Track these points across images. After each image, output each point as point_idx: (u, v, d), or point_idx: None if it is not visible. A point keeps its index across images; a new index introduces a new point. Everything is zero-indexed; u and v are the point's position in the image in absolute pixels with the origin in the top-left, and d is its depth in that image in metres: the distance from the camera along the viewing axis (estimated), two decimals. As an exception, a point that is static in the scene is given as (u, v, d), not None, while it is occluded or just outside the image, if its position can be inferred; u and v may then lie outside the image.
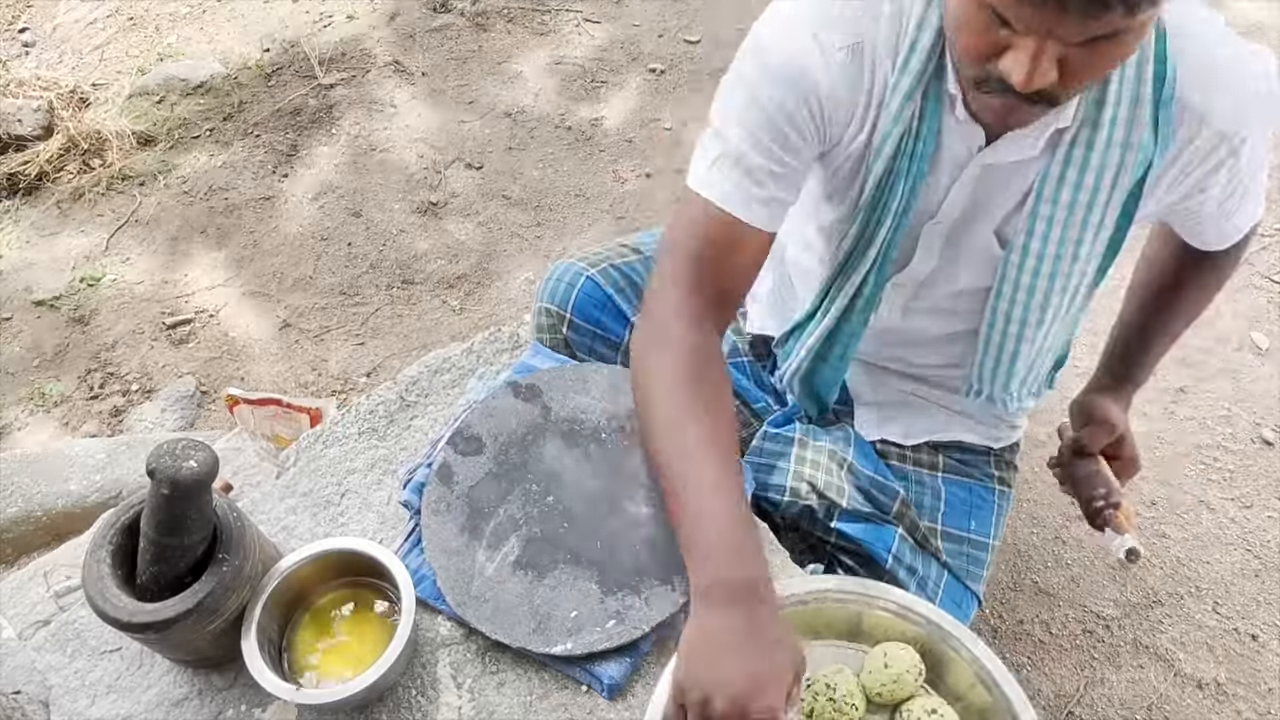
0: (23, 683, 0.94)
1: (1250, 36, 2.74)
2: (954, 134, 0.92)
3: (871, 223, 0.98)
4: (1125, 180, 0.90)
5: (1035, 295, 0.99)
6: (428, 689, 0.93)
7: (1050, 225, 0.93)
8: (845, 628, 0.93)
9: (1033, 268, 0.97)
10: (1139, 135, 0.87)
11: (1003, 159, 0.92)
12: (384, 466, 1.10)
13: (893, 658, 0.88)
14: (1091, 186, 0.90)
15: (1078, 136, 0.88)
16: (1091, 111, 0.87)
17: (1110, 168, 0.89)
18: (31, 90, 2.63)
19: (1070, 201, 0.91)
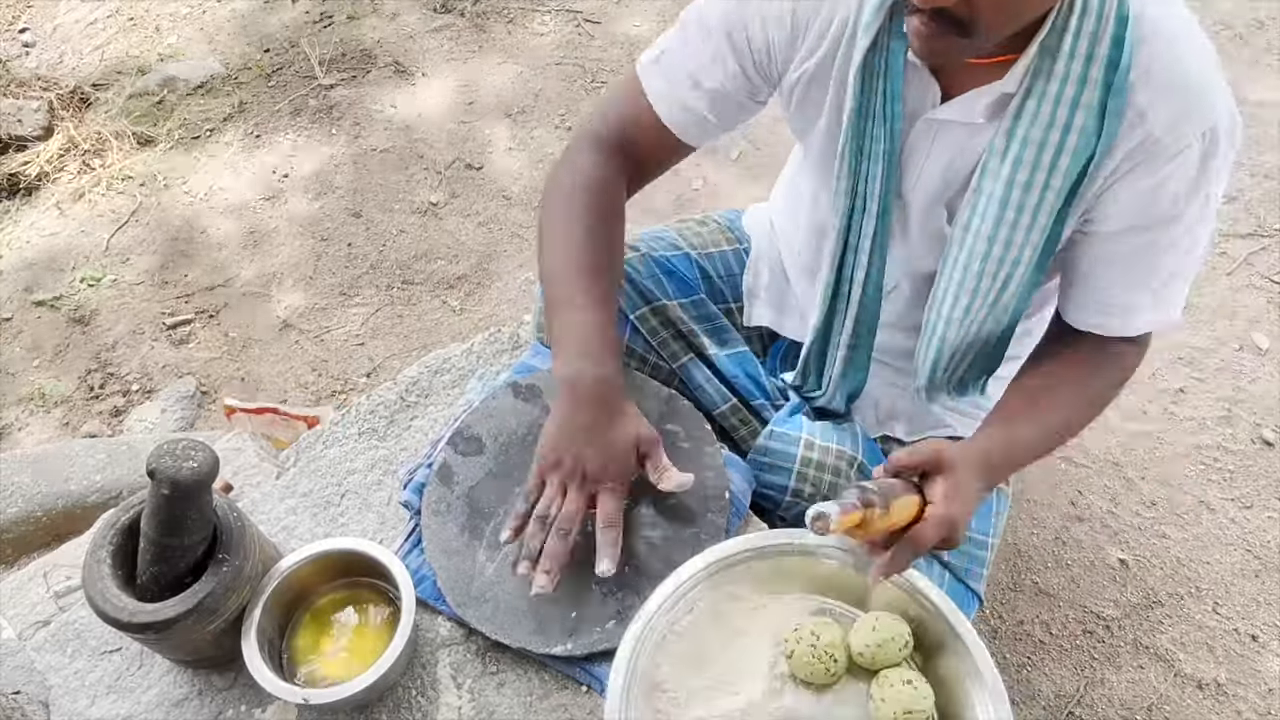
0: (23, 683, 0.94)
1: (1250, 35, 2.74)
2: (912, 88, 0.92)
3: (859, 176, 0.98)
4: (1065, 162, 0.87)
5: (969, 274, 0.97)
6: (428, 689, 0.93)
7: (990, 201, 0.92)
8: (855, 596, 0.94)
9: (970, 246, 0.95)
10: (1082, 118, 0.85)
11: (948, 117, 0.92)
12: (384, 466, 1.10)
13: (883, 624, 0.89)
14: (1032, 163, 0.88)
15: (1024, 108, 0.87)
16: (1038, 83, 0.85)
17: (1051, 147, 0.87)
18: (31, 90, 2.63)
19: (1010, 178, 0.89)
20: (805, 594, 0.95)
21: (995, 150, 0.90)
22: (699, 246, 1.27)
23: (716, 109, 1.04)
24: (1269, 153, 2.41)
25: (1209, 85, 0.85)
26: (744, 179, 2.50)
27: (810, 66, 0.97)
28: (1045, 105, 0.86)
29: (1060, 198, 0.89)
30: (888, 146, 0.95)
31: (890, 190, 0.98)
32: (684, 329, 1.19)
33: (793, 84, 1.00)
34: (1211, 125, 0.85)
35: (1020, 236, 0.92)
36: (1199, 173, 0.87)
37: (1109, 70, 0.83)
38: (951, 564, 1.12)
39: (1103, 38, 0.82)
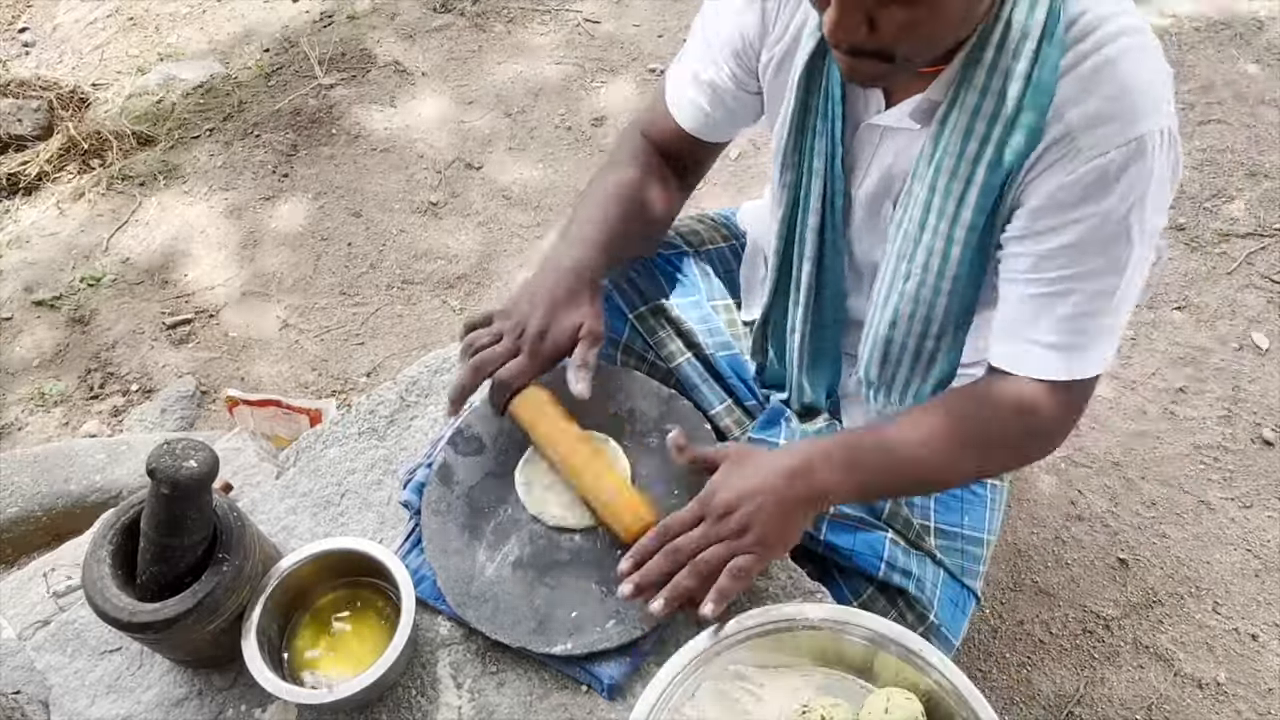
0: (23, 683, 0.94)
1: (1250, 35, 2.74)
2: (858, 94, 0.95)
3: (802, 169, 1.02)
4: (981, 173, 0.86)
5: (897, 275, 0.98)
6: (428, 689, 0.93)
7: (915, 202, 0.93)
8: (860, 666, 0.91)
9: (899, 245, 0.97)
10: (999, 131, 0.84)
11: (883, 122, 0.94)
12: (384, 466, 1.10)
13: (895, 704, 0.84)
14: (950, 170, 0.88)
15: (948, 118, 0.88)
16: (961, 94, 0.86)
17: (968, 158, 0.87)
18: (31, 90, 2.63)
19: (932, 182, 0.91)
20: (809, 666, 0.91)
21: (923, 155, 0.92)
22: (695, 244, 1.28)
23: (714, 102, 1.08)
24: (1269, 153, 2.41)
25: (1140, 94, 0.81)
26: (744, 179, 2.50)
27: (777, 53, 1.01)
28: (963, 115, 0.87)
29: (979, 210, 0.89)
30: (828, 148, 0.98)
31: (835, 190, 1.01)
32: (682, 328, 1.19)
33: (763, 70, 1.04)
34: (1138, 136, 0.80)
35: (940, 243, 0.93)
36: (1118, 186, 0.82)
37: (1027, 87, 0.83)
38: (947, 562, 1.12)
39: (1023, 54, 0.82)
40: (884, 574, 1.07)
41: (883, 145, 0.97)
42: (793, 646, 0.91)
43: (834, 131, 0.97)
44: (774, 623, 0.90)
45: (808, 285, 1.08)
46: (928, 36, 0.79)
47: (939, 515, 1.15)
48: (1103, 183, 0.82)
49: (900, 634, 0.88)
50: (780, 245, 1.09)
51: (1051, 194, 0.85)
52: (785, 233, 1.08)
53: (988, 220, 0.90)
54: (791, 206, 1.05)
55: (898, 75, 0.85)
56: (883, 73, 0.83)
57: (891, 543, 1.09)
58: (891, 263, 0.99)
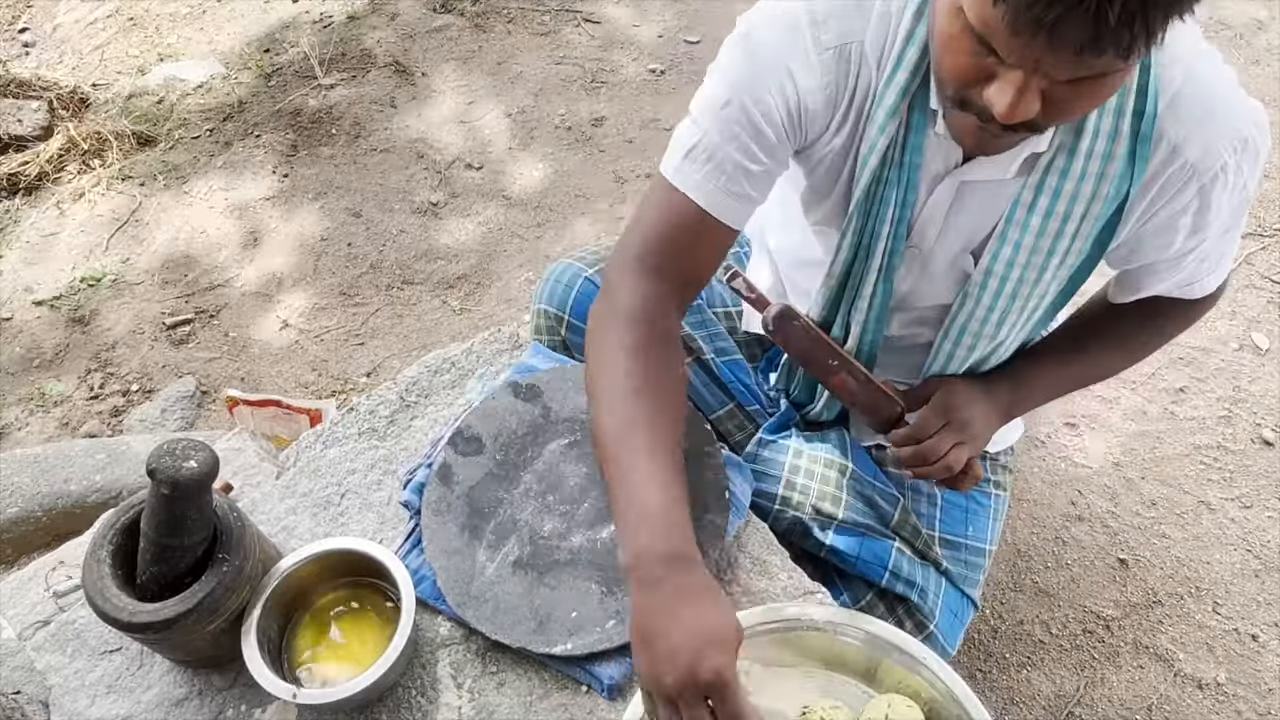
0: (23, 683, 0.94)
1: (1250, 35, 2.74)
2: (934, 148, 0.92)
3: (866, 233, 0.98)
4: (1096, 210, 0.90)
5: (994, 313, 1.00)
6: (428, 689, 0.93)
7: (1017, 250, 0.94)
8: (861, 670, 0.91)
9: (994, 288, 0.97)
10: (1114, 168, 0.87)
11: (977, 177, 0.92)
12: (384, 466, 1.10)
13: (896, 712, 0.85)
14: (1062, 214, 0.90)
15: (1053, 163, 0.88)
16: (1068, 139, 0.86)
17: (1083, 198, 0.89)
18: (31, 90, 2.63)
19: (1039, 228, 0.92)
20: (811, 669, 0.92)
21: (1023, 203, 0.91)
22: (698, 248, 1.27)
23: (758, 186, 0.96)
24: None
25: (1232, 98, 0.87)
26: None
27: (837, 144, 0.95)
28: (1077, 161, 0.87)
29: (1088, 242, 0.92)
30: (898, 211, 0.95)
31: (895, 248, 0.98)
32: (683, 334, 1.19)
33: (822, 150, 0.96)
34: (1242, 137, 0.86)
35: (1047, 276, 0.96)
36: (1236, 176, 0.89)
37: (1136, 119, 0.84)
38: (950, 571, 1.12)
39: (1130, 88, 0.83)
40: (887, 582, 1.07)
41: (963, 197, 0.95)
42: (796, 648, 0.91)
43: (905, 196, 0.94)
44: (779, 622, 0.90)
45: (857, 333, 1.06)
46: (1089, 110, 0.80)
47: (945, 525, 1.15)
48: (1227, 188, 0.89)
49: (903, 640, 0.88)
50: (830, 298, 1.06)
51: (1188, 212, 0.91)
52: (837, 288, 1.05)
53: (1099, 245, 0.93)
54: (848, 264, 1.02)
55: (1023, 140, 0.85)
56: (1014, 141, 0.84)
57: (898, 551, 1.09)
58: (982, 304, 0.99)
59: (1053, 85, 0.70)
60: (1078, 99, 0.72)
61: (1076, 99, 0.72)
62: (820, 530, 1.09)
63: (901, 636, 0.89)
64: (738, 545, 1.03)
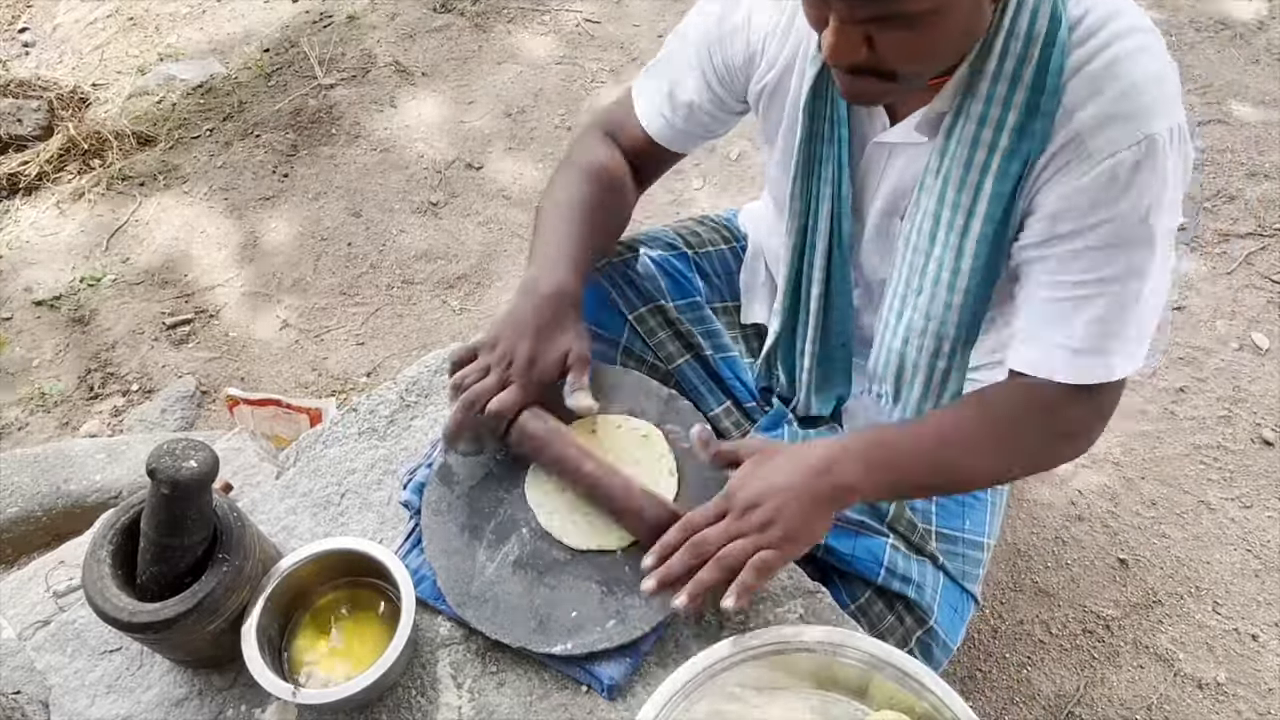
0: (23, 683, 0.94)
1: (1250, 35, 2.74)
2: (862, 113, 0.95)
3: (811, 195, 1.02)
4: (990, 183, 0.86)
5: (909, 288, 0.98)
6: (428, 689, 0.93)
7: (924, 215, 0.94)
8: (855, 688, 0.90)
9: (909, 259, 0.97)
10: (1006, 140, 0.84)
11: (893, 139, 0.95)
12: (384, 466, 1.10)
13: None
14: (958, 181, 0.89)
15: (953, 128, 0.88)
16: (966, 103, 0.86)
17: (976, 166, 0.87)
18: (31, 90, 2.63)
19: (940, 193, 0.91)
20: (805, 689, 0.89)
21: (930, 168, 0.92)
22: (696, 246, 1.28)
23: (690, 120, 1.10)
24: (1269, 153, 2.41)
25: (1148, 92, 0.81)
26: (744, 179, 2.50)
27: (768, 82, 1.01)
28: (969, 125, 0.87)
29: (989, 220, 0.89)
30: (836, 170, 0.98)
31: (842, 211, 1.01)
32: (681, 329, 1.19)
33: (756, 96, 1.04)
34: (1148, 134, 0.80)
35: (951, 254, 0.93)
36: (1130, 187, 0.81)
37: (1033, 93, 0.83)
38: (948, 567, 1.12)
39: (1029, 60, 0.82)
40: (883, 580, 1.07)
41: (890, 162, 0.97)
42: (788, 669, 0.90)
43: (840, 153, 0.97)
44: (771, 644, 0.89)
45: (817, 308, 1.08)
46: (927, 55, 0.79)
47: (940, 520, 1.15)
48: (1116, 184, 0.82)
49: (896, 657, 0.87)
50: (789, 271, 1.09)
51: (1067, 198, 0.84)
52: (795, 258, 1.08)
53: (998, 229, 0.90)
54: (800, 232, 1.05)
55: (899, 93, 0.85)
56: (883, 91, 0.83)
57: (892, 548, 1.09)
58: (902, 278, 0.99)
59: (867, 27, 0.75)
60: (897, 43, 0.76)
61: (896, 42, 0.76)
62: None
63: (895, 653, 0.88)
64: (738, 545, 1.03)
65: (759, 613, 0.98)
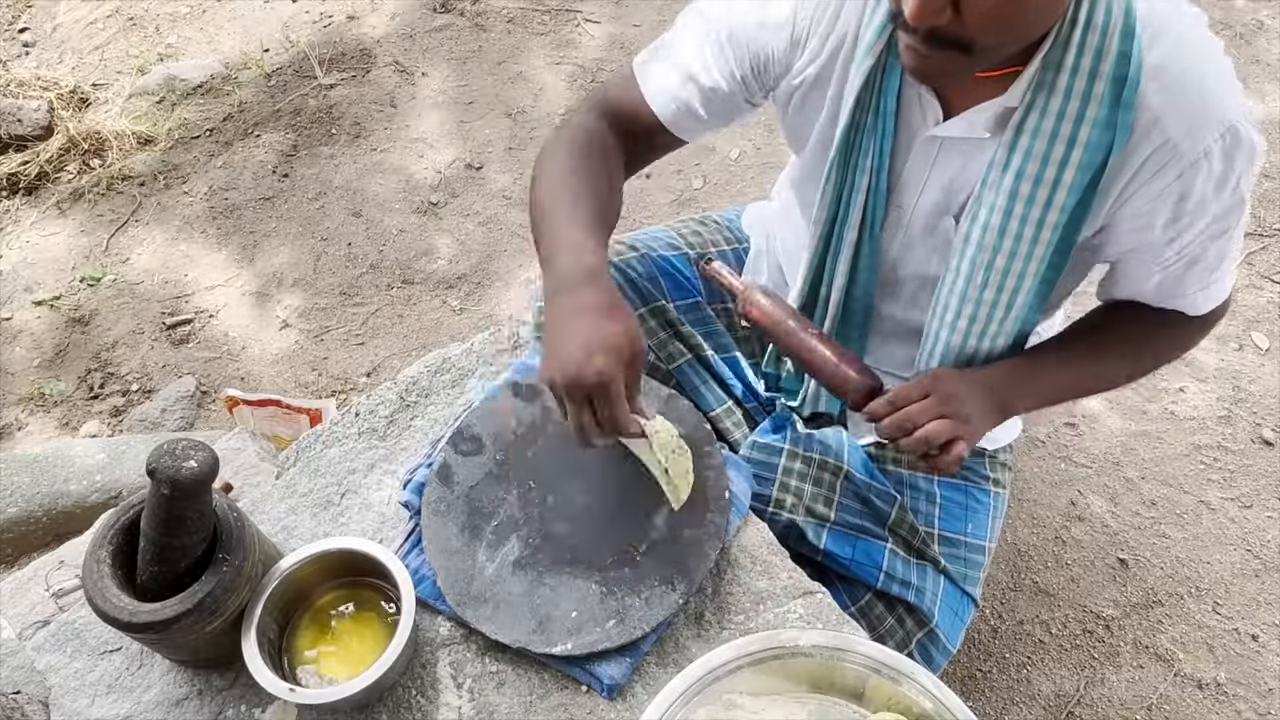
0: (23, 683, 0.94)
1: (1250, 35, 2.74)
2: (913, 104, 0.93)
3: (846, 185, 0.99)
4: (1069, 176, 0.87)
5: (975, 284, 0.98)
6: (428, 689, 0.93)
7: (992, 212, 0.92)
8: (852, 692, 0.90)
9: (972, 255, 0.96)
10: (1086, 132, 0.85)
11: (953, 133, 0.92)
12: (384, 466, 1.10)
13: None
14: (1034, 177, 0.88)
15: (1024, 123, 0.87)
16: (1040, 98, 0.85)
17: (1054, 161, 0.87)
18: (31, 90, 2.63)
19: (1012, 189, 0.90)
20: (803, 693, 0.90)
21: (996, 163, 0.91)
22: (697, 246, 1.27)
23: (710, 106, 1.04)
24: (1269, 153, 2.41)
25: (1222, 84, 0.85)
26: (744, 179, 2.50)
27: (810, 74, 0.98)
28: (1048, 120, 0.86)
29: (1065, 211, 0.90)
30: (876, 161, 0.96)
31: (877, 204, 0.99)
32: (682, 330, 1.19)
33: (790, 90, 1.01)
34: (1230, 123, 0.84)
35: (1024, 248, 0.93)
36: (1224, 169, 0.86)
37: (1115, 85, 0.83)
38: (949, 569, 1.12)
39: (1107, 53, 0.82)
40: (883, 584, 1.07)
41: (942, 158, 0.96)
42: (785, 673, 0.90)
43: (882, 147, 0.95)
44: (771, 650, 0.89)
45: (838, 298, 1.07)
46: (1012, 24, 0.77)
47: (943, 523, 1.15)
48: (1212, 177, 0.87)
49: (894, 659, 0.87)
50: (813, 260, 1.07)
51: (1169, 199, 0.89)
52: (821, 247, 1.06)
53: (1075, 222, 0.91)
54: (830, 222, 1.03)
55: (968, 71, 0.83)
56: (955, 67, 0.81)
57: (891, 553, 1.09)
58: (962, 274, 0.98)
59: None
60: (987, 6, 0.74)
61: (986, 6, 0.74)
62: (814, 534, 1.09)
63: (892, 655, 0.88)
64: (738, 545, 1.03)
65: (759, 613, 0.98)
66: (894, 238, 1.03)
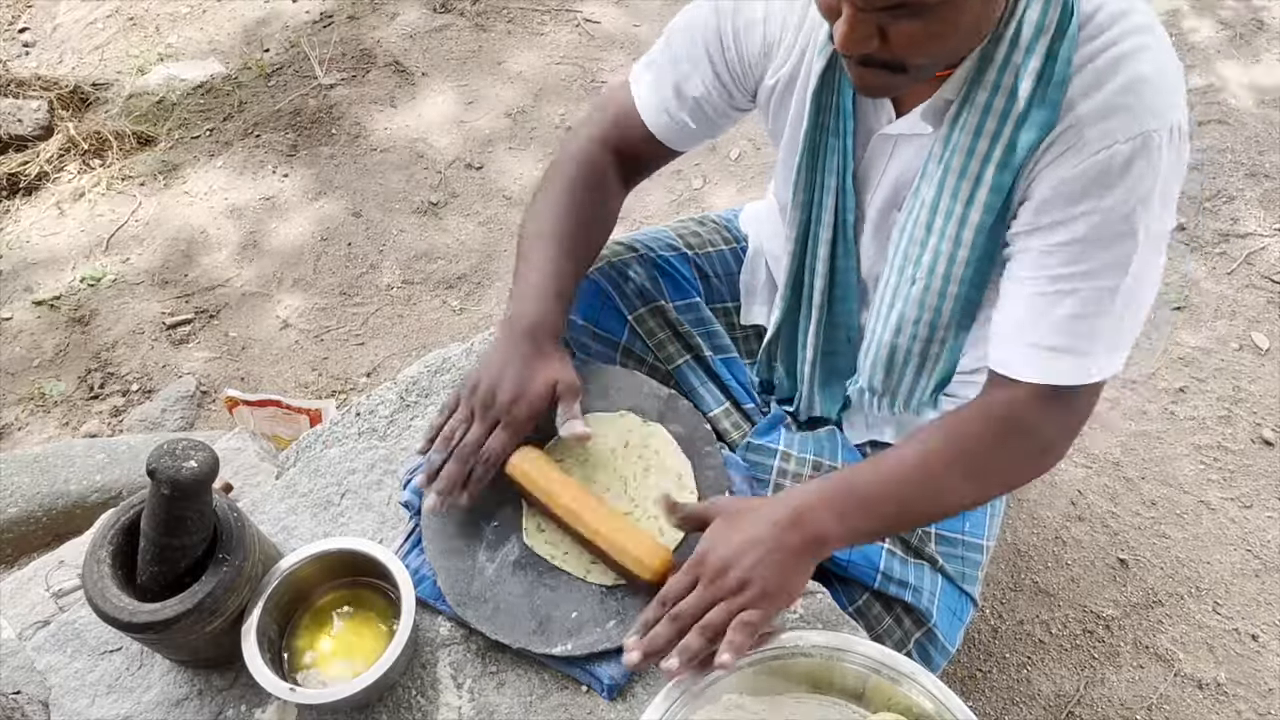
0: (23, 683, 0.94)
1: (1250, 35, 2.74)
2: (867, 105, 0.95)
3: (816, 187, 1.00)
4: (990, 173, 0.86)
5: (902, 278, 0.97)
6: (428, 689, 0.93)
7: (922, 205, 0.93)
8: (853, 692, 0.90)
9: (904, 248, 0.96)
10: (1009, 129, 0.84)
11: (899, 130, 0.94)
12: (384, 466, 1.10)
13: None
14: (959, 169, 0.88)
15: (958, 118, 0.87)
16: (972, 92, 0.86)
17: (978, 155, 0.87)
18: (31, 90, 2.63)
19: (940, 180, 0.90)
20: (803, 694, 0.90)
21: (932, 155, 0.91)
22: (696, 246, 1.27)
23: (697, 116, 1.06)
24: (1269, 153, 2.41)
25: (1151, 89, 0.81)
26: (743, 179, 2.50)
27: (782, 76, 1.00)
28: (975, 113, 0.86)
29: (987, 210, 0.88)
30: (841, 161, 0.97)
31: (846, 205, 1.00)
32: (681, 330, 1.19)
33: (768, 93, 1.03)
34: (1144, 131, 0.80)
35: (948, 245, 0.92)
36: (1123, 181, 0.80)
37: (1041, 84, 0.82)
38: (946, 568, 1.12)
39: (1037, 50, 0.82)
40: (880, 584, 1.07)
41: (894, 155, 0.97)
42: (785, 674, 0.89)
43: (845, 146, 0.96)
44: (771, 651, 0.88)
45: (820, 302, 1.08)
46: (939, 47, 0.79)
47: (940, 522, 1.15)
48: (1107, 176, 0.81)
49: (894, 660, 0.87)
50: (792, 263, 1.08)
51: (1056, 186, 0.84)
52: (798, 250, 1.07)
53: (997, 219, 0.89)
54: (804, 225, 1.04)
55: (908, 85, 0.84)
56: (895, 84, 0.83)
57: (888, 553, 1.09)
58: (895, 267, 0.98)
59: (879, 17, 0.74)
60: (910, 34, 0.75)
61: (908, 34, 0.75)
62: None
63: (892, 655, 0.87)
64: (738, 545, 1.03)
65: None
66: (860, 237, 1.04)
